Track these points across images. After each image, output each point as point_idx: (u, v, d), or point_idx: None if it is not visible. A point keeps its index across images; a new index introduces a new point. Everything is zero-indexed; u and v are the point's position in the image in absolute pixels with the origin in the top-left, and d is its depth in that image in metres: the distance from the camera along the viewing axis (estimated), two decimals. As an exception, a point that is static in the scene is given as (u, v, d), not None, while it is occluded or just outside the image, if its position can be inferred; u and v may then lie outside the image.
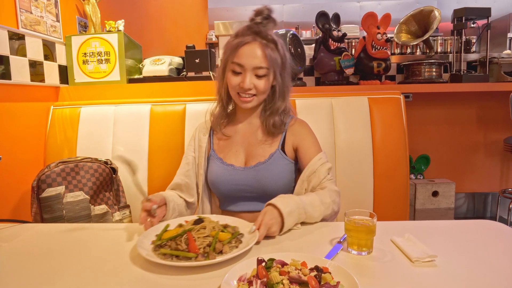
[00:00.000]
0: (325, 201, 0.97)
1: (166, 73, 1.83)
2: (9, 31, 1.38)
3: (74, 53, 1.76)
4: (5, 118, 1.40)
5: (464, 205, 2.68)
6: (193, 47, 1.83)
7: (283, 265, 0.65)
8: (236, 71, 1.03)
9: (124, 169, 0.95)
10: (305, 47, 2.03)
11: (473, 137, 2.45)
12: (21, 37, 1.45)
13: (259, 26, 1.03)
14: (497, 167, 2.48)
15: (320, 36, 2.20)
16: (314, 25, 4.88)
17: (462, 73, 2.18)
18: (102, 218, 1.26)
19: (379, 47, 2.08)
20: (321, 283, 0.60)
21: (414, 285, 0.64)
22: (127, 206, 1.38)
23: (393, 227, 0.91)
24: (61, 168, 1.26)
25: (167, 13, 3.62)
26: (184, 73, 1.85)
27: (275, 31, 1.08)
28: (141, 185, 0.93)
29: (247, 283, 0.62)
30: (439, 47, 2.68)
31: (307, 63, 2.30)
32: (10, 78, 1.40)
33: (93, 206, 1.26)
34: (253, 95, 1.05)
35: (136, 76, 1.88)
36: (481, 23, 2.47)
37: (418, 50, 2.76)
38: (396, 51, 2.74)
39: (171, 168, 1.30)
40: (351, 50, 2.56)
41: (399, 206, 1.46)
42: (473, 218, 1.43)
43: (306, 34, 5.29)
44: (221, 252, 0.76)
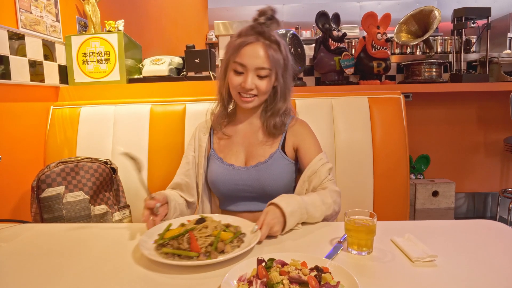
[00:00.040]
0: (327, 201, 0.97)
1: (166, 73, 1.82)
2: (9, 31, 1.38)
3: (74, 53, 1.76)
4: (5, 118, 1.40)
5: (464, 205, 2.68)
6: (193, 47, 1.83)
7: (283, 265, 0.65)
8: (238, 70, 1.03)
9: (130, 166, 0.96)
10: (305, 47, 2.03)
11: (473, 137, 2.45)
12: (21, 37, 1.45)
13: (263, 27, 1.03)
14: (497, 167, 2.48)
15: (320, 36, 2.19)
16: (314, 25, 4.88)
17: (462, 73, 2.18)
18: (102, 218, 1.26)
19: (379, 47, 2.08)
20: (321, 283, 0.60)
21: (414, 285, 0.64)
22: (127, 206, 1.38)
23: (393, 227, 0.91)
24: (61, 168, 1.26)
25: (167, 13, 3.62)
26: (184, 73, 1.85)
27: (275, 31, 1.08)
28: (146, 183, 0.94)
29: (247, 283, 0.62)
30: (439, 47, 2.68)
31: (307, 63, 2.30)
32: (10, 78, 1.40)
33: (93, 206, 1.26)
34: (254, 96, 1.05)
35: (136, 76, 1.87)
36: (481, 23, 2.47)
37: (418, 50, 2.76)
38: (396, 51, 2.74)
39: (171, 168, 1.30)
40: (351, 50, 2.56)
41: (399, 206, 1.46)
42: (473, 218, 1.42)
43: (306, 34, 5.29)
44: (223, 252, 0.76)
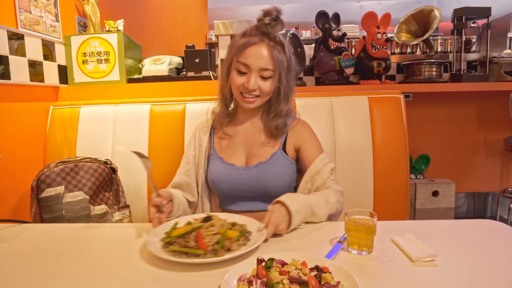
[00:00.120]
0: (330, 201, 0.98)
1: (165, 73, 1.82)
2: (8, 31, 1.38)
3: (73, 53, 1.76)
4: (5, 118, 1.40)
5: (464, 205, 2.68)
6: (193, 47, 1.83)
7: (283, 265, 0.65)
8: (241, 70, 1.03)
9: (138, 164, 0.97)
10: (305, 47, 2.03)
11: (473, 137, 2.45)
12: (21, 37, 1.45)
13: (267, 27, 1.03)
14: (497, 166, 2.48)
15: (320, 35, 2.19)
16: (314, 24, 4.88)
17: (462, 72, 2.18)
18: (101, 218, 1.25)
19: (379, 46, 2.08)
20: (321, 283, 0.59)
21: (414, 285, 0.64)
22: (126, 206, 1.38)
23: (393, 226, 0.91)
24: (61, 168, 1.25)
25: (167, 13, 3.62)
26: (184, 73, 1.85)
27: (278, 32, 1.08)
28: (153, 182, 0.95)
29: (247, 283, 0.62)
30: (439, 46, 2.68)
31: (307, 62, 2.29)
32: (9, 78, 1.39)
33: (92, 206, 1.26)
34: (257, 96, 1.05)
35: (136, 76, 1.87)
36: (481, 22, 2.47)
37: (418, 50, 2.76)
38: (396, 51, 2.74)
39: (171, 168, 1.30)
40: (351, 50, 2.56)
41: (399, 206, 1.46)
42: (473, 218, 1.42)
43: (306, 34, 5.28)
44: (229, 250, 0.77)
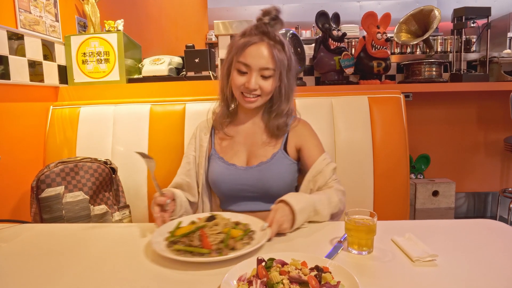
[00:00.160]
0: (333, 200, 0.98)
1: (165, 73, 1.82)
2: (8, 31, 1.38)
3: (73, 53, 1.76)
4: (5, 118, 1.40)
5: (464, 204, 2.68)
6: (193, 46, 1.83)
7: (283, 264, 0.65)
8: (242, 70, 1.03)
9: (144, 164, 0.97)
10: (305, 46, 2.03)
11: (473, 137, 2.45)
12: (20, 37, 1.45)
13: (267, 27, 1.03)
14: (497, 166, 2.48)
15: (320, 35, 2.19)
16: (314, 24, 4.88)
17: (462, 72, 2.18)
18: (101, 218, 1.25)
19: (379, 46, 2.08)
20: (322, 283, 0.59)
21: (415, 285, 0.64)
22: (126, 206, 1.38)
23: (393, 226, 0.91)
24: (61, 168, 1.25)
25: (167, 13, 3.62)
26: (184, 72, 1.85)
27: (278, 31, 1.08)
28: (157, 181, 0.96)
29: (247, 283, 0.62)
30: (439, 46, 2.68)
31: (307, 62, 2.30)
32: (9, 78, 1.39)
33: (92, 206, 1.26)
34: (258, 96, 1.05)
35: (136, 76, 1.87)
36: (481, 22, 2.47)
37: (418, 50, 2.76)
38: (396, 51, 2.74)
39: (171, 168, 1.30)
40: (351, 50, 2.56)
41: (399, 206, 1.46)
42: (473, 218, 1.43)
43: (306, 34, 5.28)
44: (233, 249, 0.77)
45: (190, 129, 1.48)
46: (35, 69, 1.54)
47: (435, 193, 2.32)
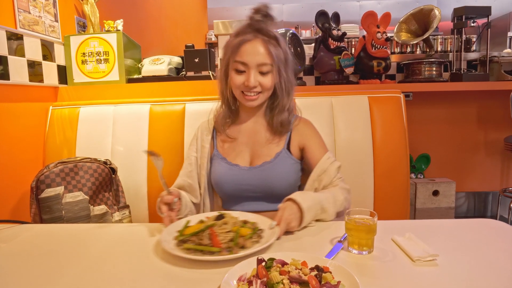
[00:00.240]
0: (338, 198, 0.99)
1: (165, 72, 1.82)
2: (7, 31, 1.38)
3: (73, 53, 1.76)
4: (4, 118, 1.40)
5: (464, 204, 2.68)
6: (193, 46, 1.82)
7: (283, 264, 0.64)
8: (240, 69, 1.03)
9: (153, 161, 0.97)
10: (304, 46, 2.03)
11: (473, 136, 2.45)
12: (20, 37, 1.45)
13: (259, 23, 1.03)
14: (497, 166, 2.47)
15: (320, 35, 2.19)
16: (313, 24, 4.88)
17: (462, 72, 2.18)
18: (101, 219, 1.25)
19: (379, 46, 2.07)
20: (322, 283, 0.59)
21: (415, 285, 0.64)
22: (126, 206, 1.38)
23: (394, 226, 0.90)
24: (60, 169, 1.25)
25: (167, 13, 3.62)
26: (184, 72, 1.85)
27: (274, 30, 1.08)
28: (164, 180, 0.96)
29: (247, 283, 0.61)
30: (439, 46, 2.68)
31: (307, 62, 2.29)
32: (8, 79, 1.39)
33: (92, 206, 1.25)
34: (259, 93, 1.05)
35: (135, 76, 1.87)
36: (481, 22, 2.47)
37: (418, 49, 2.76)
38: (396, 50, 2.74)
39: (171, 168, 1.30)
40: (351, 49, 2.56)
41: (399, 205, 1.46)
42: (473, 217, 1.42)
43: (306, 34, 5.28)
44: (243, 247, 0.77)
45: (190, 129, 1.47)
46: (34, 69, 1.54)
47: (435, 193, 2.32)
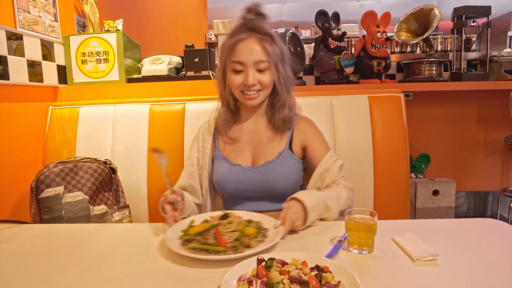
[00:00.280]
0: (342, 197, 0.99)
1: (165, 72, 1.82)
2: (7, 31, 1.38)
3: (72, 53, 1.76)
4: (4, 118, 1.40)
5: (464, 204, 2.68)
6: (192, 46, 1.82)
7: (283, 264, 0.64)
8: (237, 69, 1.02)
9: (157, 159, 0.97)
10: (304, 46, 2.03)
11: (473, 136, 2.45)
12: (19, 37, 1.45)
13: (253, 22, 1.03)
14: (497, 165, 2.47)
15: (320, 35, 2.19)
16: (313, 24, 4.88)
17: (462, 71, 2.18)
18: (101, 219, 1.25)
19: (379, 45, 2.07)
20: (322, 283, 0.59)
21: (415, 284, 0.64)
22: (126, 206, 1.38)
23: (394, 226, 0.90)
24: (60, 169, 1.25)
25: (166, 13, 3.62)
26: (183, 72, 1.85)
27: (274, 30, 1.08)
28: (169, 179, 0.97)
29: (247, 283, 0.61)
30: (439, 45, 2.67)
31: (307, 62, 2.29)
32: (8, 78, 1.39)
33: (92, 206, 1.25)
34: (258, 91, 1.04)
35: (135, 76, 1.87)
36: (481, 21, 2.47)
37: (418, 49, 2.76)
38: (396, 50, 2.74)
39: (171, 168, 1.29)
40: (351, 49, 2.56)
41: (399, 205, 1.46)
42: (473, 217, 1.42)
43: (306, 33, 5.27)
44: (248, 246, 0.77)
45: (190, 128, 1.47)
46: (34, 69, 1.54)
47: (435, 192, 2.32)
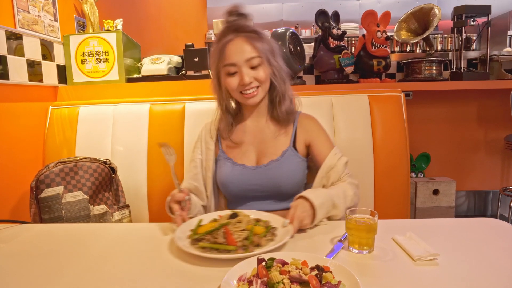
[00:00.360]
0: (348, 194, 0.99)
1: (165, 72, 1.82)
2: (6, 31, 1.37)
3: (72, 53, 1.76)
4: (4, 118, 1.39)
5: (464, 203, 2.68)
6: (192, 46, 1.82)
7: (283, 264, 0.64)
8: (231, 72, 1.03)
9: (165, 155, 0.96)
10: (304, 45, 2.03)
11: (473, 135, 2.45)
12: (19, 37, 1.45)
13: (236, 23, 1.04)
14: (497, 165, 2.47)
15: (320, 34, 2.19)
16: (313, 23, 4.87)
17: (462, 71, 2.18)
18: (101, 218, 1.25)
19: (379, 45, 2.07)
20: (322, 283, 0.59)
21: (416, 284, 0.64)
22: (126, 206, 1.38)
23: (394, 225, 0.90)
24: (60, 168, 1.25)
25: (166, 12, 3.61)
26: (183, 72, 1.85)
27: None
28: (178, 181, 0.97)
29: (247, 283, 0.61)
30: (439, 45, 2.67)
31: (307, 61, 2.29)
32: (8, 78, 1.39)
33: (92, 206, 1.25)
34: (257, 87, 1.04)
35: (135, 76, 1.87)
36: (481, 20, 2.47)
37: (418, 48, 2.75)
38: (396, 49, 2.73)
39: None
40: (351, 49, 2.56)
41: (400, 205, 1.45)
42: (473, 217, 1.42)
43: (306, 33, 5.27)
44: (258, 245, 0.77)
45: (190, 128, 1.47)
46: (34, 69, 1.54)
47: (435, 192, 2.32)
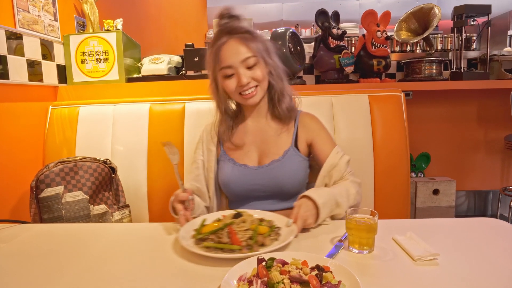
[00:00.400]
0: (351, 192, 0.99)
1: (165, 72, 1.82)
2: (6, 31, 1.37)
3: (72, 53, 1.76)
4: (4, 118, 1.39)
5: (464, 203, 2.68)
6: (192, 45, 1.82)
7: (283, 264, 0.64)
8: (228, 74, 1.03)
9: (168, 154, 0.97)
10: (304, 45, 2.02)
11: (473, 135, 2.45)
12: (19, 36, 1.45)
13: (228, 25, 1.04)
14: (497, 165, 2.47)
15: (320, 34, 2.19)
16: (313, 23, 4.87)
17: (462, 70, 2.17)
18: (101, 218, 1.25)
19: (379, 45, 2.07)
20: (322, 282, 0.59)
21: (416, 284, 0.64)
22: (126, 206, 1.38)
23: (394, 225, 0.90)
24: (60, 168, 1.25)
25: (166, 12, 3.61)
26: (183, 71, 1.85)
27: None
28: (182, 181, 0.98)
29: (247, 283, 0.61)
30: (439, 44, 2.67)
31: (307, 61, 2.29)
32: (8, 78, 1.39)
33: (92, 206, 1.25)
34: (256, 87, 1.04)
35: (135, 75, 1.87)
36: (481, 20, 2.47)
37: (418, 48, 2.75)
38: (396, 49, 2.73)
39: (171, 168, 1.29)
40: (351, 48, 2.55)
41: (400, 205, 1.45)
42: (474, 216, 1.42)
43: (306, 33, 5.27)
44: (262, 245, 0.77)
45: (190, 128, 1.47)
46: (34, 68, 1.54)
47: (435, 192, 2.31)
